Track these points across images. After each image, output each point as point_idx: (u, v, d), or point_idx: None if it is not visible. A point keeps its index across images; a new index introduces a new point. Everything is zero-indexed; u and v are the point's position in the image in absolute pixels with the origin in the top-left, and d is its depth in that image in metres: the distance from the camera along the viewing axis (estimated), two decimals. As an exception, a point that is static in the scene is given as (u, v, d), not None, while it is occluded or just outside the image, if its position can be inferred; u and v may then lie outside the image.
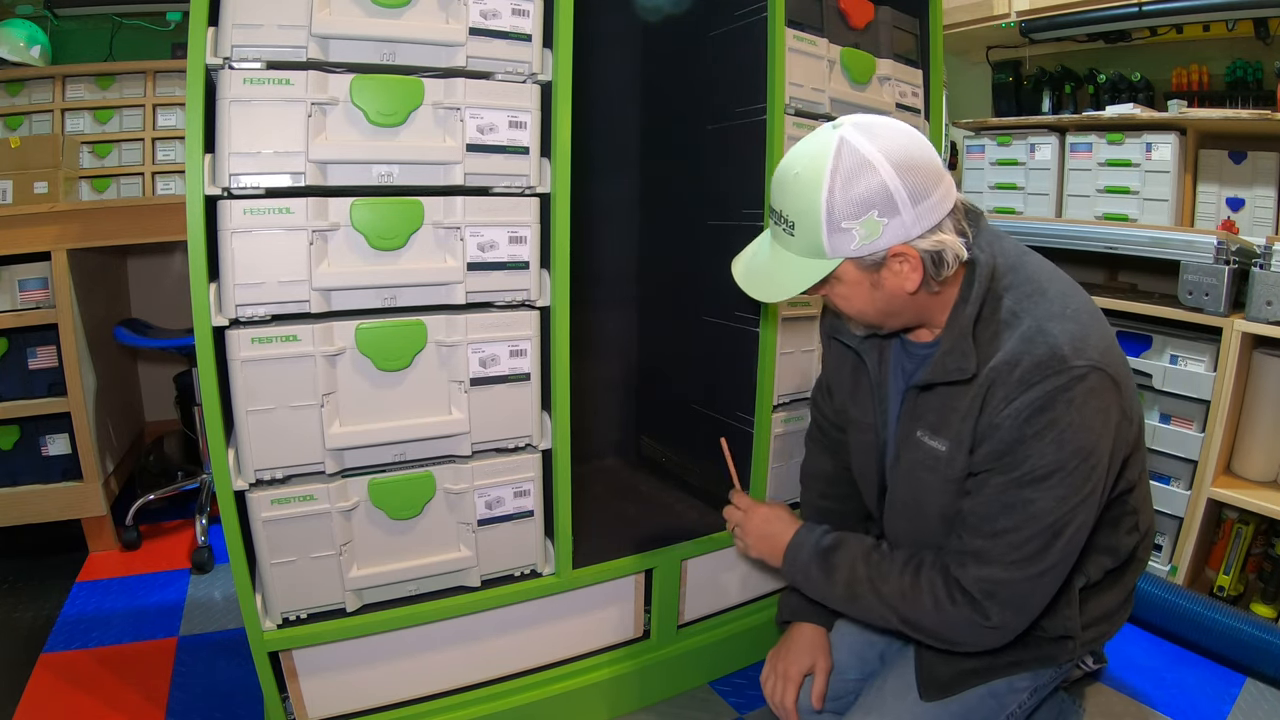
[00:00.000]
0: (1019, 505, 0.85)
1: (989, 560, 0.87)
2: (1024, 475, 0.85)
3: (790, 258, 0.88)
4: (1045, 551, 0.85)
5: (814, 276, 0.87)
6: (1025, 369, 0.84)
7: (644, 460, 1.89)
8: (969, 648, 0.93)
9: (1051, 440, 0.83)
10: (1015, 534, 0.85)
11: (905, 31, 1.54)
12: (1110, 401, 0.85)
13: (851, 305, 0.92)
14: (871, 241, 0.84)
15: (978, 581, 0.87)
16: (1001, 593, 0.87)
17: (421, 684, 1.26)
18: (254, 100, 0.99)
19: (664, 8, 1.63)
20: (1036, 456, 0.84)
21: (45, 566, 1.93)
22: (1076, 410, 0.83)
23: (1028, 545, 0.85)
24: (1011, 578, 0.86)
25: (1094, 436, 0.84)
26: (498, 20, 1.10)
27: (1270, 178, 1.96)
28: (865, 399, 1.08)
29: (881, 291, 0.89)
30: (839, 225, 0.83)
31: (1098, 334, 0.87)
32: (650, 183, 1.80)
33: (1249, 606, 1.66)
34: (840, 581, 0.99)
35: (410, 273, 1.11)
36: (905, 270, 0.86)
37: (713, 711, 1.43)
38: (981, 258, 0.91)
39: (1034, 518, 0.85)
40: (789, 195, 0.86)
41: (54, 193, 2.12)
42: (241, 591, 1.09)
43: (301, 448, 1.08)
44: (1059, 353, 0.83)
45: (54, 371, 1.90)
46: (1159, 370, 1.72)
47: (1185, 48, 2.23)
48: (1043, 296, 0.89)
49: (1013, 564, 0.86)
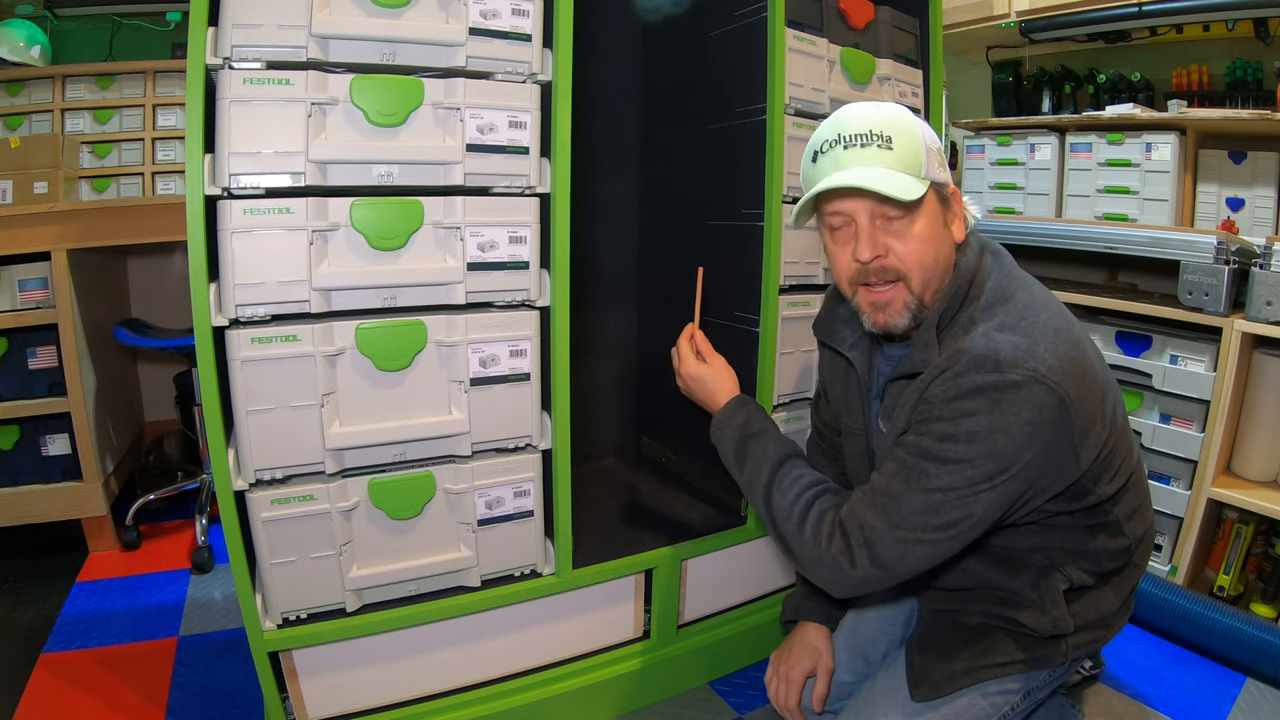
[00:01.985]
0: (916, 473, 0.87)
1: (875, 509, 0.89)
2: (931, 450, 0.86)
3: (892, 171, 0.88)
4: (925, 525, 0.86)
5: (919, 188, 0.88)
6: (961, 365, 0.86)
7: (644, 460, 1.89)
8: (820, 581, 0.95)
9: (967, 432, 0.83)
10: (904, 499, 0.87)
11: (905, 31, 1.54)
12: (1045, 418, 0.83)
13: (926, 251, 0.91)
14: (941, 170, 0.92)
15: (860, 526, 0.89)
16: (874, 545, 0.88)
17: (421, 684, 1.26)
18: (254, 100, 0.99)
19: (664, 8, 1.63)
20: (948, 440, 0.85)
21: (45, 566, 1.93)
22: (1000, 413, 0.82)
23: (910, 510, 0.87)
24: (888, 535, 0.87)
25: (1012, 445, 0.83)
26: (498, 20, 1.10)
27: (1270, 178, 1.96)
28: (854, 403, 1.10)
29: (947, 234, 0.94)
30: (927, 144, 0.91)
31: (1053, 351, 0.84)
32: (650, 183, 1.80)
33: (1249, 606, 1.66)
34: (746, 470, 1.06)
35: (410, 273, 1.11)
36: (959, 213, 0.95)
37: (713, 711, 1.43)
38: (964, 260, 0.94)
39: (926, 491, 0.86)
40: (879, 117, 0.90)
41: (54, 193, 2.12)
42: (241, 591, 1.09)
43: (301, 448, 1.08)
44: (995, 357, 0.84)
45: (54, 371, 1.90)
46: (1159, 370, 1.72)
47: (1185, 48, 2.23)
48: (1002, 306, 0.90)
49: (893, 524, 0.87)
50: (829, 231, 0.96)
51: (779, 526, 0.98)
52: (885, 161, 0.88)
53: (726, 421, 1.12)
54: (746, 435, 1.08)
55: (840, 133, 0.91)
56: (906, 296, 0.92)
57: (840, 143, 0.91)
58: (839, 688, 1.15)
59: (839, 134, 0.91)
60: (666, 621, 1.43)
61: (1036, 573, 0.98)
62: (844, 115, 0.93)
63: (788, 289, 1.38)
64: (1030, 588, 0.98)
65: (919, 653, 1.03)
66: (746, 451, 1.07)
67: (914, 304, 0.93)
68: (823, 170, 0.91)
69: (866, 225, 0.91)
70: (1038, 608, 0.97)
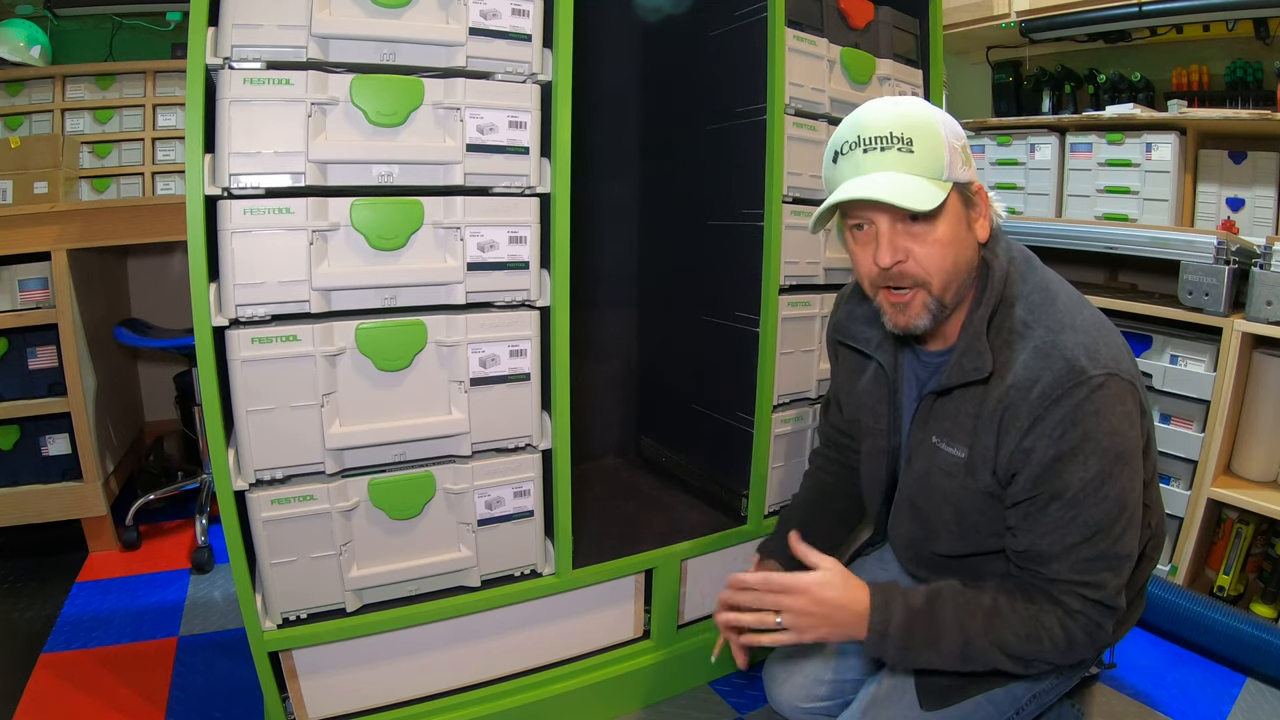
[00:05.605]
0: (1079, 521, 0.87)
1: (1080, 572, 0.88)
2: (1076, 494, 0.86)
3: (911, 178, 0.86)
4: (1118, 547, 0.88)
5: (940, 194, 0.86)
6: (1045, 386, 0.85)
7: (644, 460, 1.89)
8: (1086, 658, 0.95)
9: (1091, 452, 0.85)
10: (1090, 547, 0.87)
11: (905, 31, 1.54)
12: (1131, 405, 0.88)
13: (946, 255, 0.89)
14: (965, 169, 0.89)
15: (1091, 605, 0.88)
16: (1108, 602, 0.89)
17: (421, 684, 1.26)
18: (254, 100, 0.99)
19: (664, 8, 1.63)
20: (1081, 471, 0.85)
21: (45, 566, 1.93)
22: (1104, 418, 0.85)
23: (1101, 548, 0.87)
24: (1112, 583, 0.88)
25: (1126, 441, 0.87)
26: (498, 20, 1.10)
27: (1270, 178, 1.95)
28: (879, 405, 1.08)
29: (970, 236, 0.92)
30: (950, 142, 0.88)
31: (1107, 343, 0.89)
32: (650, 183, 1.80)
33: (1249, 606, 1.66)
34: (950, 640, 0.90)
35: (410, 273, 1.11)
36: (984, 210, 0.92)
37: (713, 711, 1.43)
38: (996, 262, 0.93)
39: (1099, 526, 0.86)
40: (901, 118, 0.88)
41: (54, 193, 2.12)
42: (241, 591, 1.09)
43: (301, 448, 1.08)
44: (1076, 365, 0.85)
45: (54, 371, 1.90)
46: (1159, 370, 1.72)
47: (1185, 48, 2.23)
48: (1053, 306, 0.90)
49: (1096, 571, 0.88)
50: (850, 232, 0.95)
51: (1023, 655, 0.89)
52: (905, 166, 0.86)
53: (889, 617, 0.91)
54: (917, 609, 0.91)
55: (860, 134, 0.89)
56: (926, 299, 0.91)
57: (860, 145, 0.88)
58: (842, 685, 1.14)
59: (859, 135, 0.89)
60: (666, 621, 1.43)
61: None
62: (864, 115, 0.90)
63: (788, 289, 1.38)
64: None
65: None
66: (938, 625, 0.90)
67: (934, 305, 0.92)
68: (842, 174, 0.90)
69: (887, 230, 0.89)
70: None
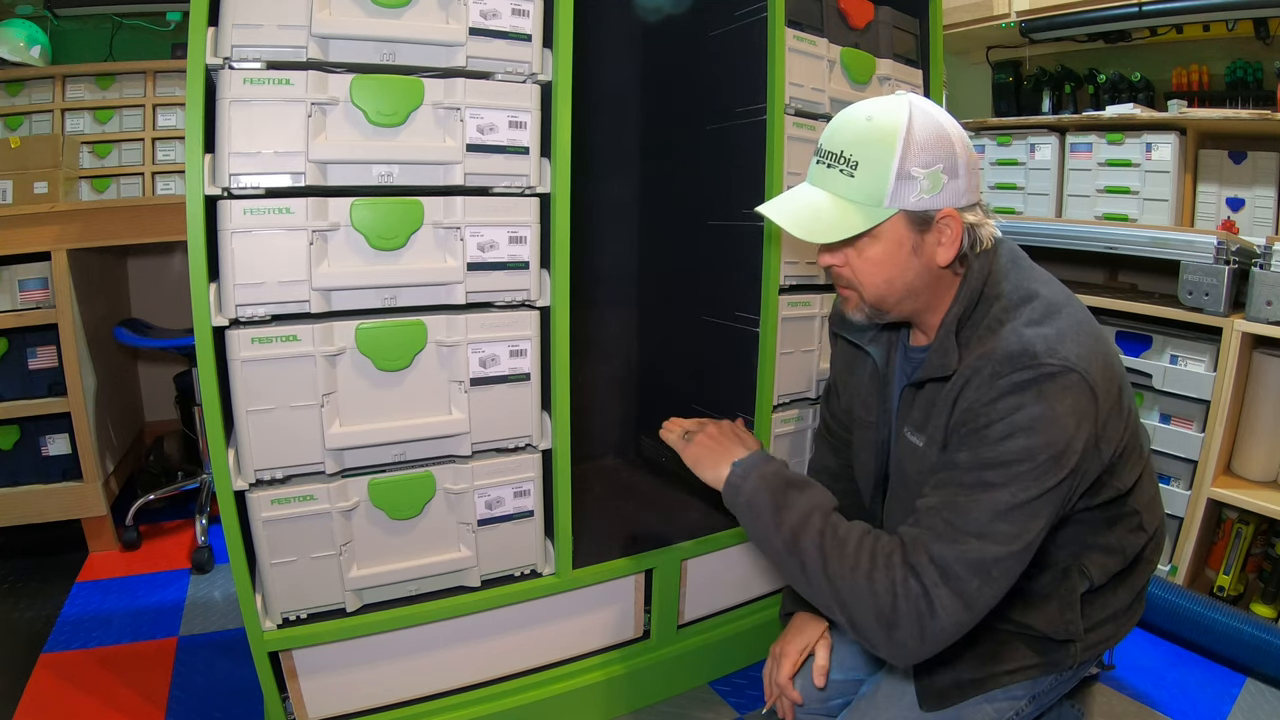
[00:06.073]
0: (978, 486, 0.82)
1: (940, 537, 0.82)
2: (986, 458, 0.83)
3: (840, 202, 0.88)
4: (997, 535, 0.81)
5: (864, 223, 0.86)
6: (996, 362, 0.84)
7: (644, 460, 1.89)
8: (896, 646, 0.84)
9: (1021, 427, 0.81)
10: (970, 513, 0.82)
11: (905, 31, 1.54)
12: (1084, 405, 0.83)
13: (877, 274, 0.90)
14: (931, 197, 0.86)
15: (930, 560, 0.82)
16: (951, 577, 0.81)
17: (421, 684, 1.26)
18: (254, 100, 0.99)
19: (664, 8, 1.63)
20: (1003, 440, 0.82)
21: (45, 566, 1.93)
22: (1047, 403, 0.81)
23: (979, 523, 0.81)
24: (963, 559, 0.81)
25: (1065, 434, 0.81)
26: (498, 20, 1.10)
27: (1270, 178, 1.96)
28: (871, 397, 1.10)
29: (918, 259, 0.90)
30: (909, 171, 0.85)
31: (1078, 343, 0.84)
32: (650, 183, 1.80)
33: (1249, 606, 1.66)
34: (788, 523, 0.90)
35: (410, 273, 1.10)
36: (949, 237, 0.89)
37: (713, 711, 1.43)
38: (975, 264, 0.93)
39: (992, 500, 0.81)
40: (859, 136, 0.87)
41: (54, 193, 2.12)
42: (241, 591, 1.09)
43: (301, 448, 1.08)
44: (1030, 350, 0.83)
45: (54, 371, 1.90)
46: (1159, 370, 1.72)
47: (1185, 48, 2.23)
48: (1027, 305, 0.90)
49: (963, 545, 0.81)
50: None
51: (838, 584, 0.86)
52: (841, 188, 0.88)
53: (759, 471, 0.97)
54: (789, 484, 0.95)
55: (823, 143, 0.91)
56: (859, 301, 0.95)
57: (818, 154, 0.92)
58: (841, 685, 1.14)
59: (822, 143, 0.92)
60: (666, 621, 1.43)
61: (1058, 573, 0.97)
62: (838, 120, 0.92)
63: (788, 289, 1.38)
64: (1049, 588, 0.98)
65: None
66: (789, 503, 0.92)
67: (868, 310, 0.95)
68: (808, 173, 0.95)
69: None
70: (1053, 609, 0.97)
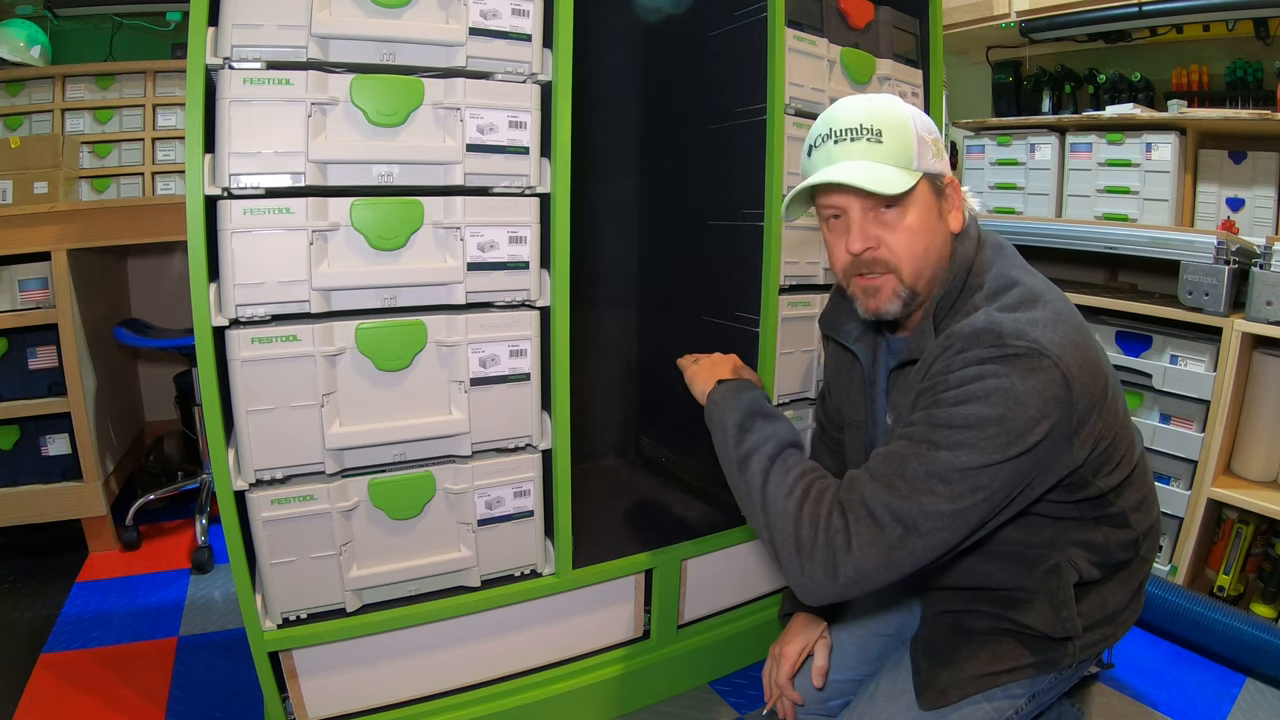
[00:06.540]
0: (924, 443, 0.83)
1: (876, 480, 0.84)
2: (938, 418, 0.83)
3: (879, 165, 0.89)
4: (931, 492, 0.81)
5: (907, 182, 0.89)
6: (963, 339, 0.85)
7: (644, 460, 1.89)
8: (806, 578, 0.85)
9: (976, 396, 0.81)
10: (909, 464, 0.82)
11: (905, 31, 1.54)
12: (1054, 393, 0.81)
13: (916, 242, 0.92)
14: (939, 161, 0.92)
15: (861, 500, 0.83)
16: (876, 519, 0.82)
17: (421, 684, 1.26)
18: (254, 100, 0.99)
19: (664, 8, 1.63)
20: (956, 404, 0.82)
21: (45, 566, 1.93)
22: (1008, 378, 0.81)
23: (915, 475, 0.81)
24: (891, 506, 0.81)
25: (1023, 413, 0.80)
26: (498, 20, 1.10)
27: (1270, 178, 1.95)
28: (858, 396, 1.11)
29: (942, 225, 0.94)
30: (920, 134, 0.91)
31: (1054, 330, 0.83)
32: (650, 183, 1.80)
33: (1249, 606, 1.66)
34: (745, 445, 0.97)
35: (410, 273, 1.10)
36: (956, 202, 0.95)
37: (713, 711, 1.43)
38: (962, 249, 0.95)
39: (933, 457, 0.81)
40: (869, 110, 0.91)
41: (54, 193, 2.12)
42: (241, 591, 1.09)
43: (301, 448, 1.08)
44: (995, 330, 0.84)
45: (54, 371, 1.90)
46: (1159, 370, 1.72)
47: (1185, 48, 2.23)
48: (1005, 292, 0.91)
49: (895, 491, 0.82)
50: (825, 223, 0.99)
51: (769, 505, 0.90)
52: (874, 155, 0.90)
53: (737, 393, 1.04)
54: (758, 412, 1.01)
55: (832, 127, 0.93)
56: (896, 285, 0.94)
57: (831, 137, 0.92)
58: (841, 685, 1.14)
59: (830, 128, 0.93)
60: (666, 621, 1.43)
61: (1047, 570, 0.97)
62: (836, 110, 0.94)
63: (788, 289, 1.38)
64: (1040, 585, 0.97)
65: (924, 658, 1.02)
66: (752, 427, 0.98)
67: (905, 293, 0.94)
68: (815, 165, 0.94)
69: (859, 218, 0.92)
70: (1048, 606, 0.96)
